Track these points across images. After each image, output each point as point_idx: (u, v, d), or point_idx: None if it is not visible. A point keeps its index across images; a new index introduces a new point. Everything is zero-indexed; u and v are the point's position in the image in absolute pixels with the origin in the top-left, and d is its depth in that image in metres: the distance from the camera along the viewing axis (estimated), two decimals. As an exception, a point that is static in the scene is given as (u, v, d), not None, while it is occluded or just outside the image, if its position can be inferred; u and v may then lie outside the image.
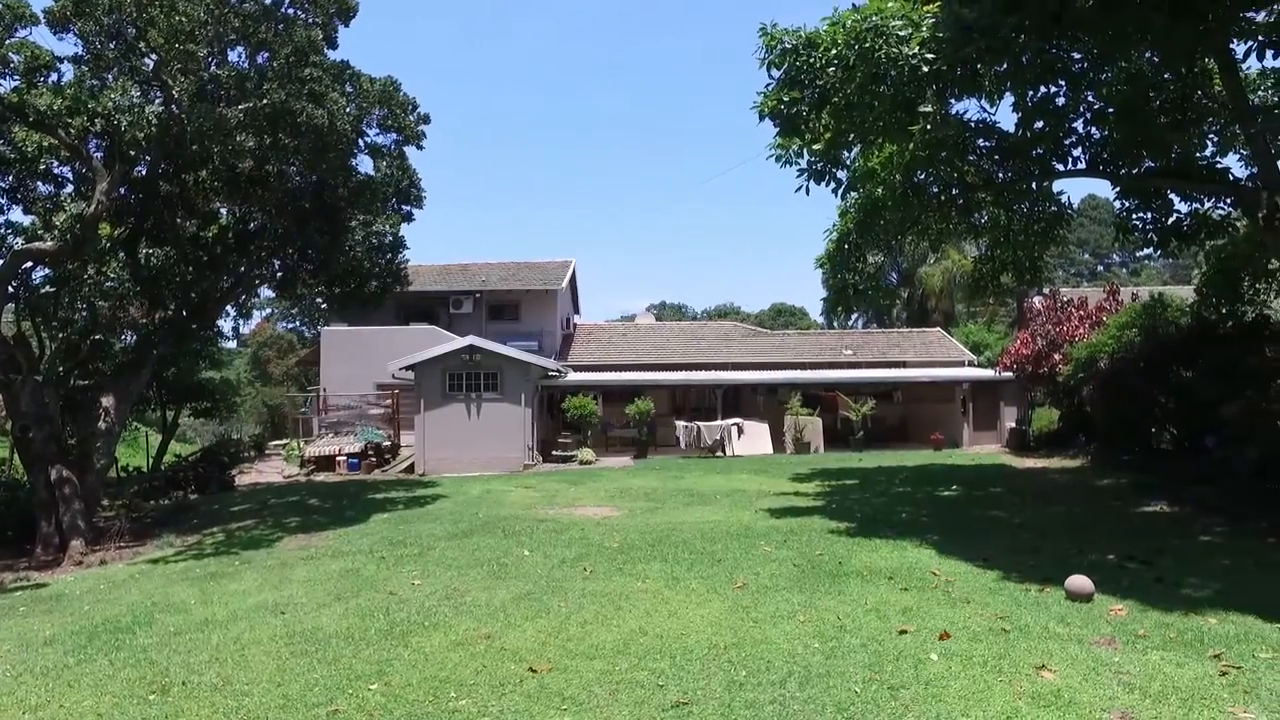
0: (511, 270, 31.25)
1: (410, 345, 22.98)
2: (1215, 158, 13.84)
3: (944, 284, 37.41)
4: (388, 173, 17.26)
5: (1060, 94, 13.10)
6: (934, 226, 14.10)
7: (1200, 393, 14.63)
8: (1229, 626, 6.22)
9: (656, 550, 9.74)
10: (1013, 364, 21.95)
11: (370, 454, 22.33)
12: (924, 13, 10.13)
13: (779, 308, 74.53)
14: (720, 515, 12.37)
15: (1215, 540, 9.87)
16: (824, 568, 8.47)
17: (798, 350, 29.39)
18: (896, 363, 28.05)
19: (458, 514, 13.44)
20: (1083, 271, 68.99)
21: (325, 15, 15.06)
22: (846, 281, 13.66)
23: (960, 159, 12.89)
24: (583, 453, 22.23)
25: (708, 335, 31.45)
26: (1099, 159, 13.76)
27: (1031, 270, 15.01)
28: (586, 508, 13.71)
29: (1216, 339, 14.90)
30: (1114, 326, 17.53)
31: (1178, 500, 12.37)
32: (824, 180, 12.00)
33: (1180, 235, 14.40)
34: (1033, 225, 14.58)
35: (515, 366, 21.77)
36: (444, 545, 10.67)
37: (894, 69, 9.80)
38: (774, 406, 25.29)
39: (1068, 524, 11.11)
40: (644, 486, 16.22)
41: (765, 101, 11.27)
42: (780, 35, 11.11)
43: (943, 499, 13.81)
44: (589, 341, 30.68)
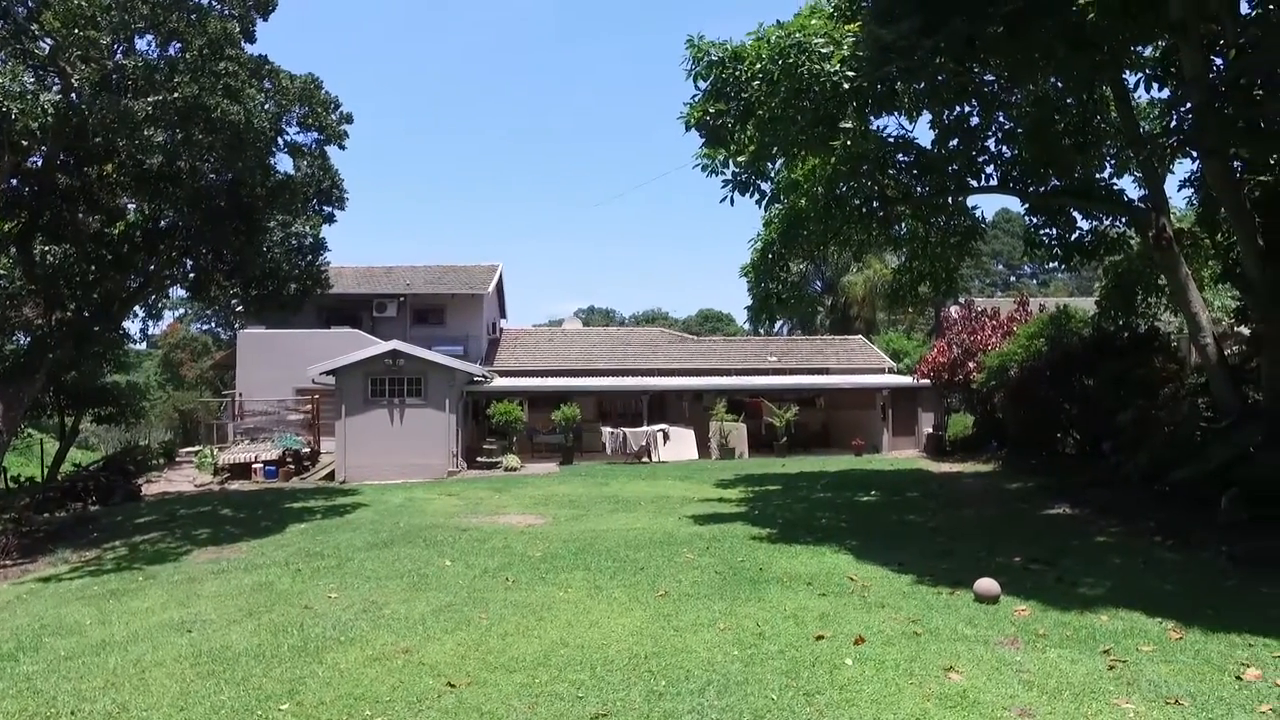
0: (437, 274, 30.76)
1: (332, 349, 22.36)
2: (1112, 179, 14.70)
3: (866, 292, 38.49)
4: (308, 172, 16.78)
5: (974, 114, 13.71)
6: (855, 238, 14.52)
7: (1099, 400, 15.41)
8: (1118, 623, 6.59)
9: (580, 559, 9.72)
10: (930, 371, 22.71)
11: (289, 461, 21.60)
12: (845, 32, 10.43)
13: (707, 313, 75.37)
14: (644, 522, 12.42)
15: (1110, 541, 10.43)
16: (745, 575, 8.60)
17: (724, 356, 29.77)
18: (820, 369, 28.68)
19: (378, 523, 13.13)
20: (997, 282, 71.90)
21: (242, 7, 14.55)
22: (770, 291, 13.94)
23: (880, 173, 13.31)
24: (508, 459, 22.02)
25: (635, 341, 31.59)
26: (1009, 177, 14.42)
27: (947, 281, 15.61)
28: (510, 516, 13.58)
29: (1114, 350, 15.73)
30: (1023, 336, 18.33)
31: (1078, 503, 13.01)
32: (748, 191, 12.23)
33: (1082, 251, 15.23)
34: (949, 238, 15.18)
35: (440, 372, 21.41)
36: (363, 556, 10.41)
37: (816, 85, 10.06)
38: (700, 412, 25.56)
39: (979, 527, 11.55)
40: (569, 493, 16.16)
41: (692, 112, 11.41)
42: (707, 48, 11.27)
43: (862, 504, 14.18)
44: (515, 347, 30.43)
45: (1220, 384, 12.37)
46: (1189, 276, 12.85)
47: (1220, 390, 12.40)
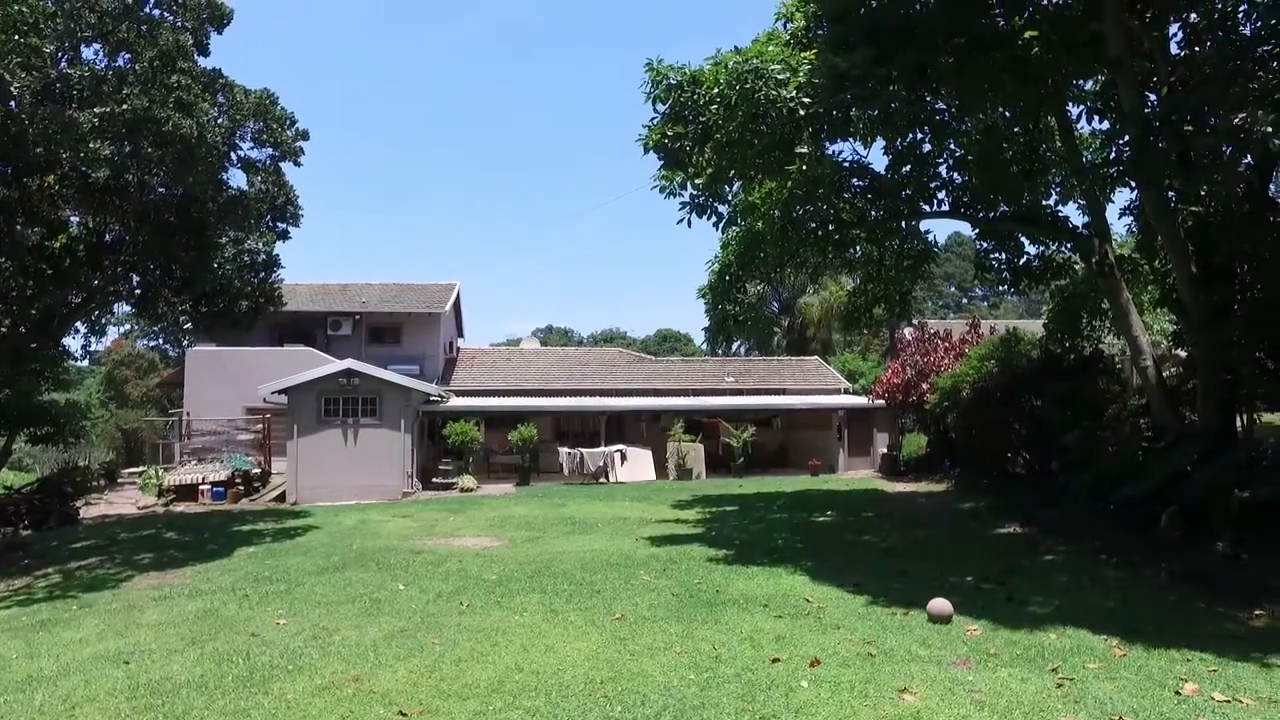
0: (393, 292, 30.39)
1: (285, 367, 21.89)
2: (1058, 206, 15.19)
3: (822, 314, 39.02)
4: (262, 188, 16.51)
5: (926, 141, 14.07)
6: (811, 260, 14.75)
7: (1048, 421, 15.80)
8: (1066, 641, 6.73)
9: (536, 582, 9.61)
10: (885, 392, 23.06)
11: (238, 482, 21.03)
12: (801, 59, 10.65)
13: (665, 333, 75.63)
14: (601, 544, 12.34)
15: (1057, 559, 10.66)
16: (701, 597, 8.58)
17: (681, 377, 29.87)
18: (776, 390, 28.91)
19: (330, 546, 12.83)
20: (949, 304, 73.49)
21: (196, 20, 14.34)
22: (727, 312, 14.07)
23: (836, 197, 13.56)
24: (464, 480, 21.74)
25: (593, 361, 31.54)
26: (960, 202, 14.82)
27: (901, 303, 15.92)
28: (466, 538, 13.38)
29: (1061, 371, 16.16)
30: (975, 358, 18.74)
31: (1028, 522, 13.28)
32: (705, 213, 12.36)
33: (1030, 275, 15.69)
34: (902, 261, 15.50)
35: (395, 391, 21.10)
36: (313, 580, 10.15)
37: (773, 110, 10.23)
38: (657, 433, 25.57)
39: (932, 547, 11.71)
40: (525, 515, 16.01)
41: (650, 135, 11.52)
42: (666, 71, 11.41)
43: (818, 525, 14.28)
44: (472, 366, 30.15)
45: (1159, 405, 12.79)
46: (1130, 301, 13.29)
47: (1159, 411, 12.82)
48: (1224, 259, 11.55)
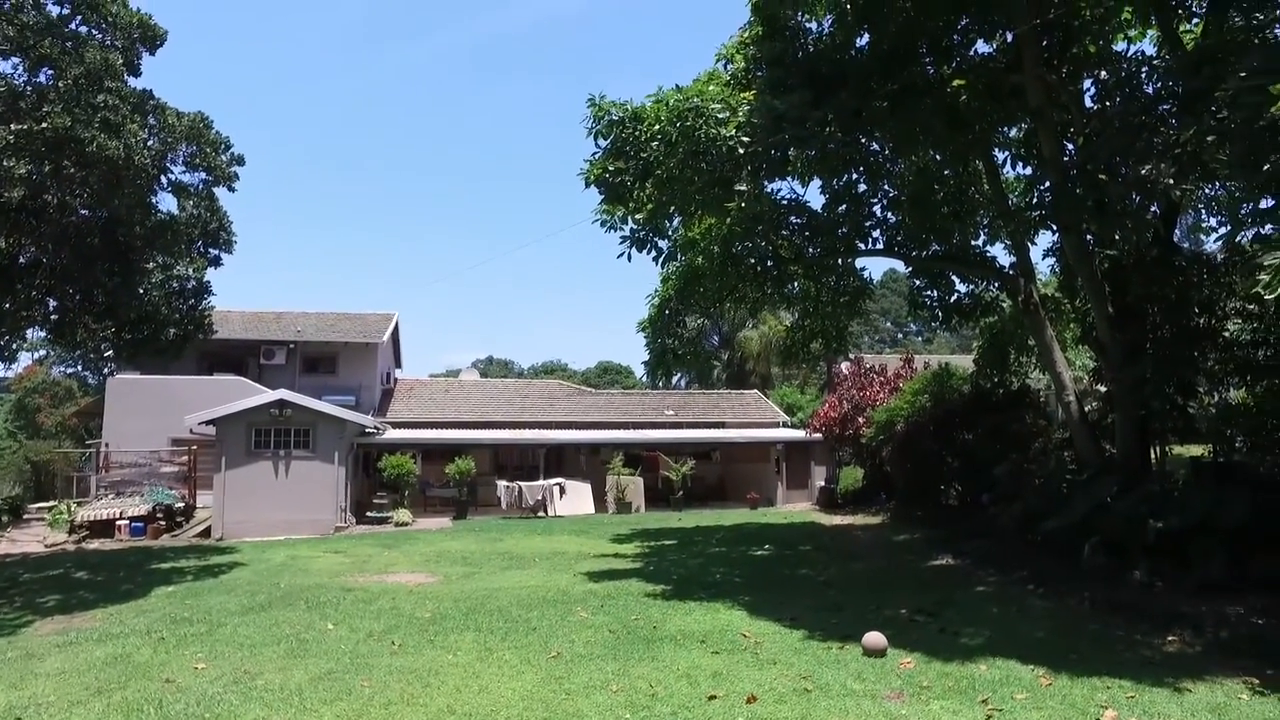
0: (330, 321, 29.75)
1: (214, 397, 21.12)
2: (986, 246, 15.77)
3: (762, 348, 39.59)
4: (194, 213, 16.02)
5: (861, 181, 14.52)
6: (750, 295, 14.97)
7: (978, 454, 16.24)
8: (995, 672, 6.85)
9: (470, 619, 9.39)
10: (822, 426, 23.42)
11: (159, 517, 20.08)
12: (741, 99, 10.91)
13: (606, 365, 75.66)
14: (538, 579, 12.15)
15: (988, 590, 10.89)
16: (639, 633, 8.50)
17: (622, 410, 29.84)
18: (716, 423, 29.10)
19: (256, 584, 12.33)
20: (885, 339, 75.36)
21: (127, 39, 13.95)
22: (667, 346, 14.16)
23: (775, 234, 13.85)
24: (399, 514, 21.23)
25: (532, 393, 31.32)
26: (894, 241, 15.28)
27: (838, 339, 16.26)
28: (399, 574, 13.03)
29: (990, 406, 16.68)
30: (909, 392, 19.20)
31: (960, 554, 13.57)
32: (645, 248, 12.48)
33: (960, 312, 16.21)
34: (839, 297, 15.87)
35: (329, 423, 20.55)
36: (237, 621, 9.71)
37: (713, 148, 10.44)
38: (597, 466, 25.44)
39: (868, 580, 11.85)
40: (462, 550, 15.68)
41: (591, 169, 11.61)
42: (608, 107, 11.54)
43: (756, 558, 14.33)
44: (410, 397, 29.62)
45: (1082, 438, 13.29)
46: (1053, 338, 13.84)
47: (1082, 444, 13.31)
48: (1136, 300, 12.15)
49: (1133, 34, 13.51)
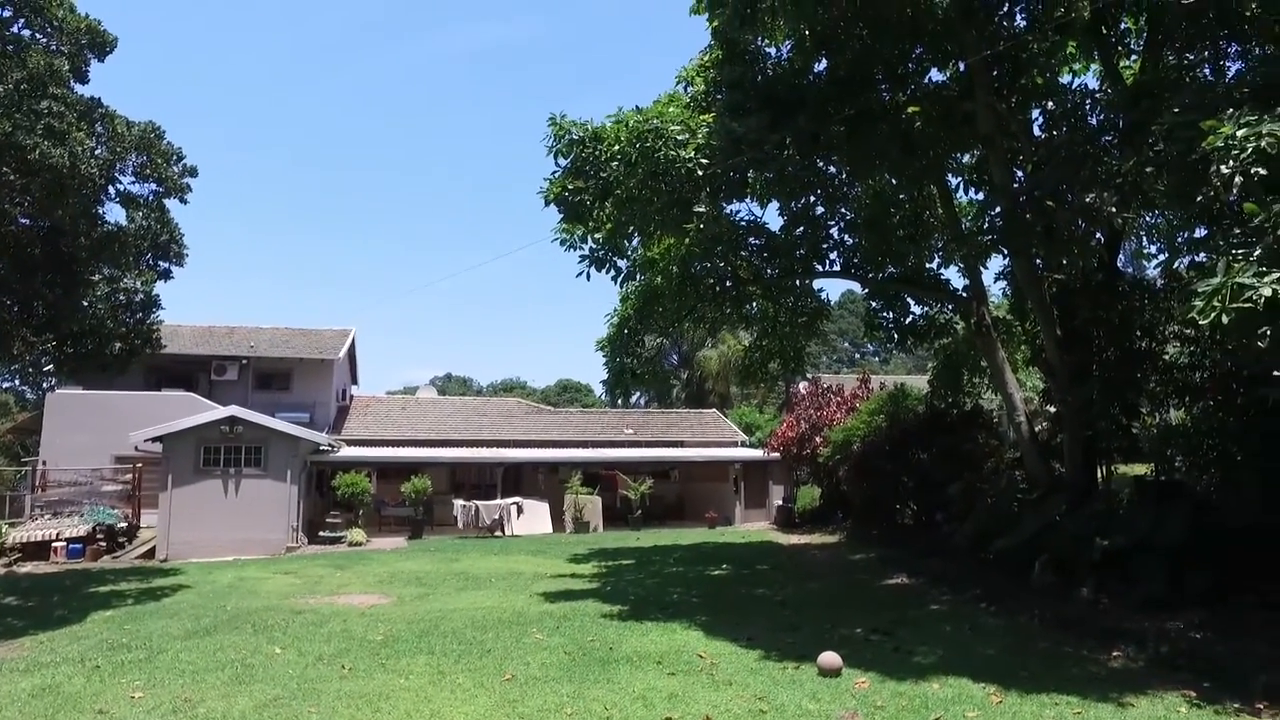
0: (285, 336, 29.21)
1: (162, 413, 20.54)
2: (940, 269, 16.09)
3: (720, 367, 39.83)
4: (144, 225, 15.64)
5: (819, 204, 14.74)
6: (709, 315, 15.06)
7: (933, 473, 16.49)
8: (948, 690, 6.92)
9: (424, 642, 9.21)
10: (780, 445, 23.57)
11: (99, 538, 19.35)
12: (700, 121, 11.03)
13: (566, 384, 75.42)
14: (494, 600, 11.99)
15: (942, 609, 11.03)
16: (595, 654, 8.42)
17: (580, 428, 29.74)
18: (675, 442, 29.15)
19: (201, 607, 11.95)
20: (843, 359, 76.27)
21: (74, 45, 13.63)
22: (625, 365, 14.16)
23: (733, 254, 13.97)
24: (353, 533, 20.81)
25: (490, 412, 31.08)
26: (851, 263, 15.52)
27: (796, 359, 16.42)
28: (352, 595, 12.75)
29: (945, 426, 16.96)
30: (865, 413, 19.44)
31: (915, 572, 13.73)
32: (604, 268, 12.50)
33: (915, 333, 16.50)
34: (797, 318, 16.04)
35: (282, 440, 20.12)
36: (179, 646, 9.38)
37: (672, 169, 10.52)
38: (555, 485, 25.28)
39: (824, 599, 11.91)
40: (416, 570, 15.42)
41: (552, 188, 11.63)
42: (568, 126, 11.59)
43: (713, 578, 14.32)
44: (366, 415, 29.17)
45: (1032, 458, 13.57)
46: (1005, 360, 14.15)
47: (1032, 464, 13.60)
48: (1083, 324, 12.50)
49: (1077, 67, 14.02)
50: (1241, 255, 6.17)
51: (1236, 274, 5.99)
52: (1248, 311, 5.86)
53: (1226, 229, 6.82)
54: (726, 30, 12.11)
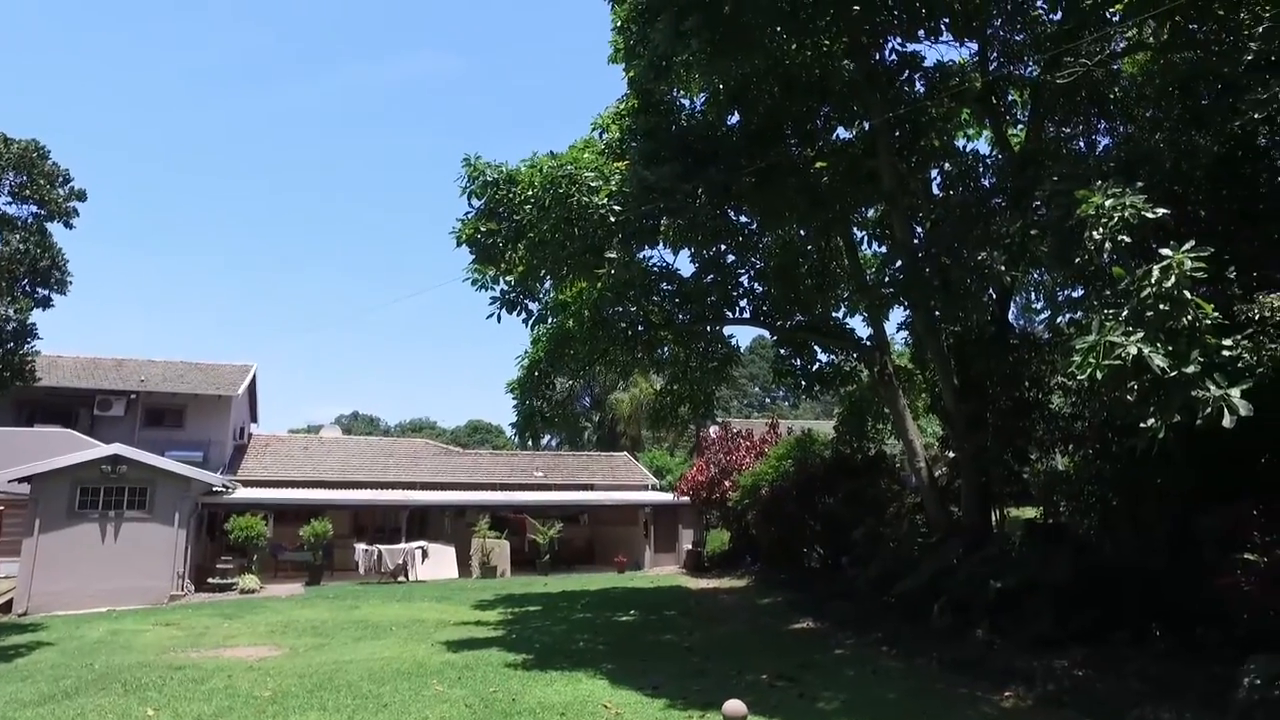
0: (179, 371, 27.74)
1: (33, 450, 19.04)
2: (846, 318, 16.67)
3: (633, 410, 39.93)
4: (21, 248, 14.68)
5: (730, 252, 15.12)
6: (621, 359, 15.14)
7: (838, 518, 16.85)
8: (851, 737, 6.98)
9: (315, 697, 8.73)
10: (690, 489, 23.69)
11: (-55, 590, 17.68)
12: (614, 169, 11.20)
13: (476, 424, 74.17)
14: (394, 650, 11.50)
15: (846, 653, 11.18)
16: (496, 707, 8.15)
17: (489, 471, 29.19)
18: (585, 485, 28.88)
19: (63, 666, 10.96)
20: (754, 403, 77.60)
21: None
22: (534, 408, 14.04)
23: (646, 299, 14.14)
24: (245, 580, 19.68)
25: (397, 452, 30.18)
26: (760, 310, 15.92)
27: (706, 404, 16.64)
28: (240, 648, 12.00)
29: (850, 471, 17.40)
30: (774, 457, 19.77)
31: (821, 616, 13.92)
32: (516, 310, 12.46)
33: (822, 380, 16.98)
34: (707, 363, 16.29)
35: (171, 481, 18.96)
36: (29, 714, 8.51)
37: (585, 215, 10.61)
38: (462, 529, 24.64)
39: (732, 645, 11.91)
40: (312, 618, 14.67)
41: (464, 229, 11.56)
42: (483, 168, 11.59)
43: (620, 624, 14.15)
44: (265, 454, 27.87)
45: (932, 503, 14.06)
46: (906, 407, 14.69)
47: (932, 508, 14.08)
48: (978, 374, 13.13)
49: (971, 133, 14.98)
50: (1112, 315, 6.62)
51: (1108, 332, 6.41)
52: (1118, 367, 6.27)
53: (1100, 290, 7.31)
54: (643, 80, 12.43)
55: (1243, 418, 6.01)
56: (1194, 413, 6.23)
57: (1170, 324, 6.33)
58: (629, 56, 12.42)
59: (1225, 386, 6.12)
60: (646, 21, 11.54)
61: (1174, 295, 6.32)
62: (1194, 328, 6.33)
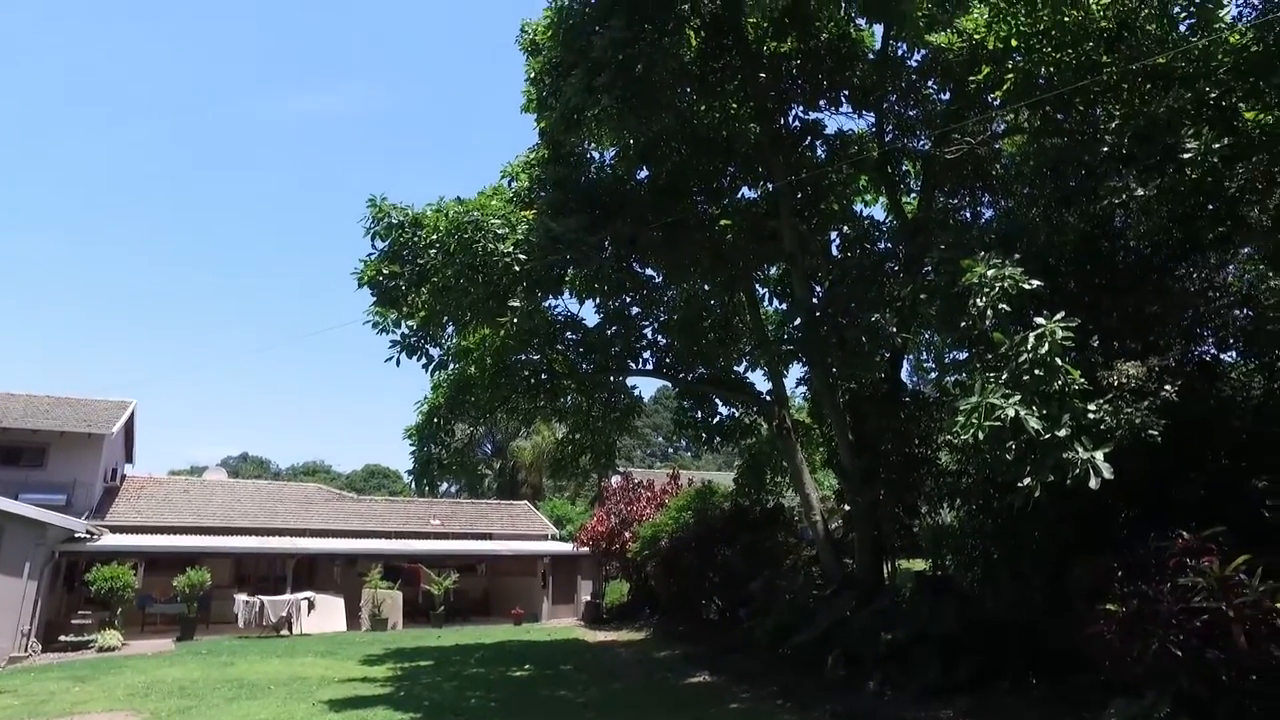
0: (44, 406, 25.67)
1: None
2: (747, 373, 17.03)
3: (534, 458, 39.41)
4: None
5: (635, 304, 15.28)
6: (523, 406, 14.96)
7: (737, 570, 16.94)
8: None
9: (174, 769, 8.04)
10: (590, 540, 23.42)
11: None
12: (521, 217, 11.22)
13: (373, 469, 71.66)
14: (270, 712, 10.75)
15: (741, 706, 11.15)
16: (376, 774, 7.71)
17: (384, 518, 28.12)
18: (483, 534, 28.15)
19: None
20: (657, 453, 77.92)
21: None
22: (432, 455, 13.68)
23: (549, 348, 14.08)
24: (106, 636, 18.08)
25: (287, 497, 28.72)
26: (664, 362, 16.10)
27: (607, 454, 16.60)
28: (90, 715, 10.96)
29: (749, 523, 17.59)
30: (674, 509, 19.80)
31: (717, 669, 13.86)
32: (416, 355, 12.18)
33: (723, 433, 17.23)
34: (610, 414, 16.28)
35: (22, 526, 17.35)
36: None
37: (490, 262, 10.55)
38: (353, 578, 23.54)
39: (627, 700, 11.69)
40: (180, 678, 13.58)
41: (366, 270, 11.29)
42: (388, 209, 11.39)
43: (515, 679, 13.70)
44: (140, 498, 25.98)
45: (827, 555, 14.34)
46: (804, 461, 15.03)
47: (827, 561, 14.35)
48: (872, 430, 13.60)
49: (868, 198, 15.76)
50: (993, 378, 7.01)
51: (989, 395, 6.78)
52: (998, 429, 6.62)
53: (982, 354, 7.75)
54: (554, 132, 12.56)
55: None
56: (1065, 473, 6.63)
57: (1044, 388, 6.75)
58: (541, 108, 12.55)
59: (1091, 449, 6.54)
60: (560, 75, 11.73)
61: (1047, 361, 6.76)
62: (1064, 392, 6.77)
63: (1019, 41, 9.62)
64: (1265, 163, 8.74)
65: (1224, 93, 8.98)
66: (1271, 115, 8.73)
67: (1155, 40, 9.26)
